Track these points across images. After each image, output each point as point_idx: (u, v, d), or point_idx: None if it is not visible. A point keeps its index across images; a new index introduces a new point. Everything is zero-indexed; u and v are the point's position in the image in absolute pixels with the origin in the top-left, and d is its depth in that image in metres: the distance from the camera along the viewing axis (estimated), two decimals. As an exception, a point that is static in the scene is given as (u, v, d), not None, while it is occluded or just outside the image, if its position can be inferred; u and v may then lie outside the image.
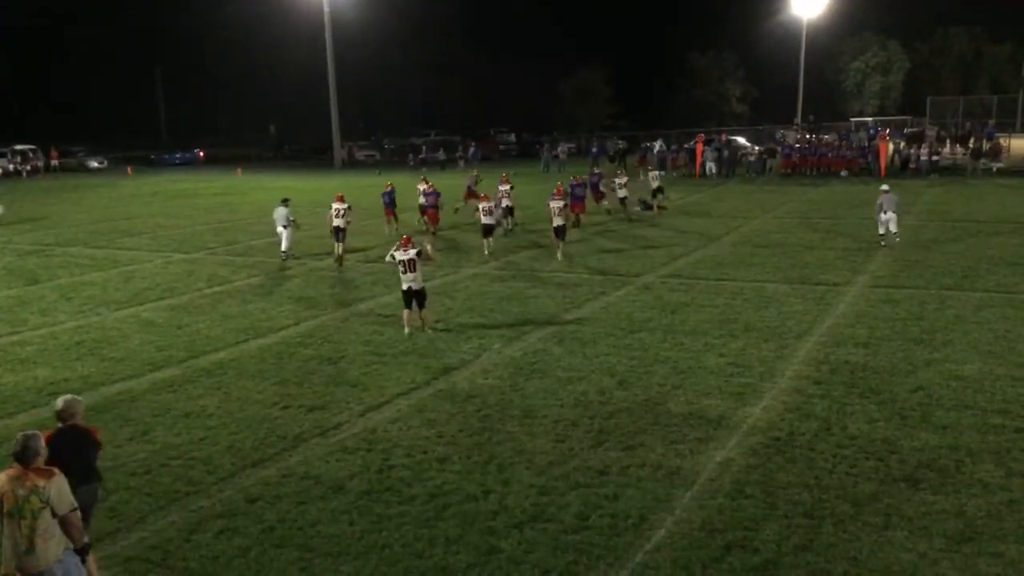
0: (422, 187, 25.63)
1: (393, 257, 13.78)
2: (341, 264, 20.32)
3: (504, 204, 24.78)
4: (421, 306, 13.72)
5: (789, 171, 44.40)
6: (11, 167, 62.26)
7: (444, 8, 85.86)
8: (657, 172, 32.50)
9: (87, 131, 78.44)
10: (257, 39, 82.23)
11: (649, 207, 29.51)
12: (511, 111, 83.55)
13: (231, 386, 11.40)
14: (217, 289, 17.93)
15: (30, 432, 5.83)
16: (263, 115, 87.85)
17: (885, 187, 21.70)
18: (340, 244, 20.52)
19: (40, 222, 30.93)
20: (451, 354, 12.58)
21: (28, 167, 63.51)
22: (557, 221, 20.69)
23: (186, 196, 40.85)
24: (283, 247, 21.35)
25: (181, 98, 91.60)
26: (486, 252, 21.17)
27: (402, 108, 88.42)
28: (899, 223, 20.96)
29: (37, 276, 19.95)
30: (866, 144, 47.55)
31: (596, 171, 34.54)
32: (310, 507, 7.89)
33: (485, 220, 21.48)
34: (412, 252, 13.58)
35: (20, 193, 46.14)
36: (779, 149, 49.77)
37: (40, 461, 5.74)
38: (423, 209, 25.39)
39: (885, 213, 20.76)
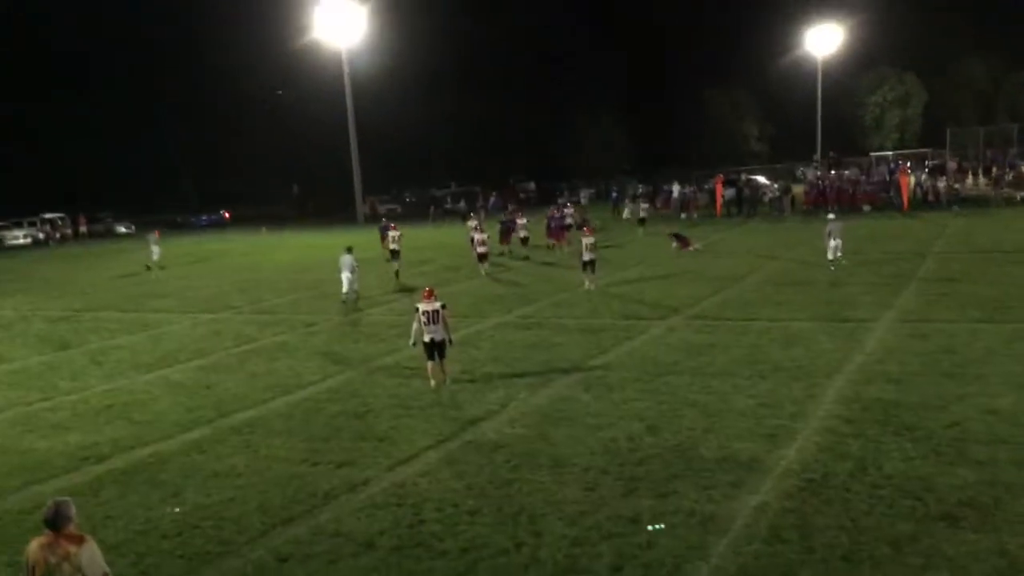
0: (476, 235, 28.41)
1: (417, 308, 13.84)
2: (398, 278, 26.33)
3: (522, 235, 32.00)
4: (442, 357, 13.73)
5: (811, 207, 44.32)
6: (41, 235, 63.47)
7: (461, 61, 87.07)
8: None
9: (114, 197, 79.78)
10: (277, 100, 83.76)
11: (683, 240, 29.85)
12: (530, 159, 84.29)
13: (259, 444, 11.42)
14: (244, 348, 18.04)
15: (61, 498, 5.85)
16: (286, 173, 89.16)
17: (831, 215, 25.70)
18: (397, 262, 27.85)
19: (69, 288, 31.37)
20: (478, 404, 12.55)
21: (58, 235, 64.74)
22: (587, 256, 22.51)
23: (212, 257, 41.35)
24: (344, 289, 23.07)
25: (207, 161, 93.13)
26: (482, 273, 26.66)
27: (423, 160, 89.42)
28: (843, 248, 23.69)
29: (68, 341, 20.18)
30: (887, 178, 47.46)
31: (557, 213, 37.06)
32: (341, 565, 7.84)
33: (480, 249, 27.18)
34: (436, 304, 13.62)
35: (50, 260, 46.95)
36: (803, 186, 49.81)
37: (72, 527, 5.75)
38: (481, 256, 27.75)
39: (833, 240, 23.50)
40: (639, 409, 11.76)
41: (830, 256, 23.41)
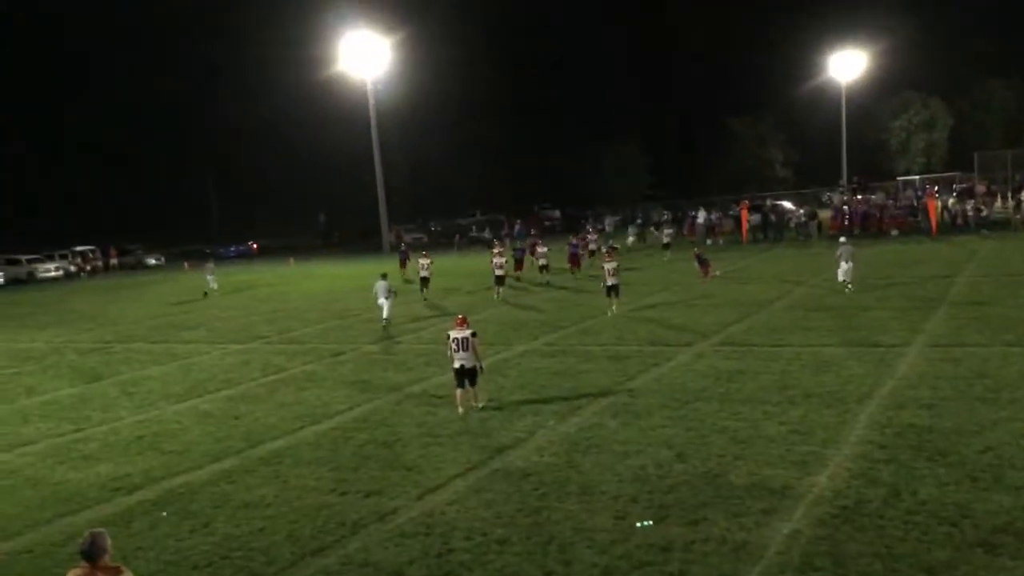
0: (496, 260, 29.56)
1: (448, 335, 13.89)
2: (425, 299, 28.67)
3: (541, 262, 32.86)
4: (473, 384, 13.75)
5: (837, 232, 44.09)
6: (72, 268, 64.38)
7: (485, 90, 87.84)
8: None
9: (144, 229, 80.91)
10: (303, 129, 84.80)
11: (704, 265, 29.67)
12: (554, 187, 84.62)
13: (288, 474, 11.45)
14: (273, 378, 18.15)
15: (97, 529, 5.90)
16: (313, 204, 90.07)
17: (843, 239, 26.23)
18: (426, 289, 29.82)
19: (100, 320, 31.75)
20: (505, 433, 12.52)
21: (89, 267, 65.62)
22: (611, 280, 23.00)
23: (240, 288, 41.72)
24: (384, 315, 23.65)
25: (234, 193, 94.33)
26: (495, 298, 28.00)
27: (448, 189, 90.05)
28: (854, 272, 24.19)
29: (99, 373, 20.39)
30: (915, 203, 47.18)
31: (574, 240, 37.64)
32: (371, 595, 7.81)
33: (498, 272, 28.62)
34: (467, 332, 13.65)
35: (81, 293, 47.56)
36: (829, 211, 49.63)
37: (108, 559, 5.79)
38: (498, 279, 29.11)
39: (844, 263, 24.06)
40: (667, 436, 11.68)
41: (840, 278, 24.11)
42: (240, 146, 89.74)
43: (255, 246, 77.80)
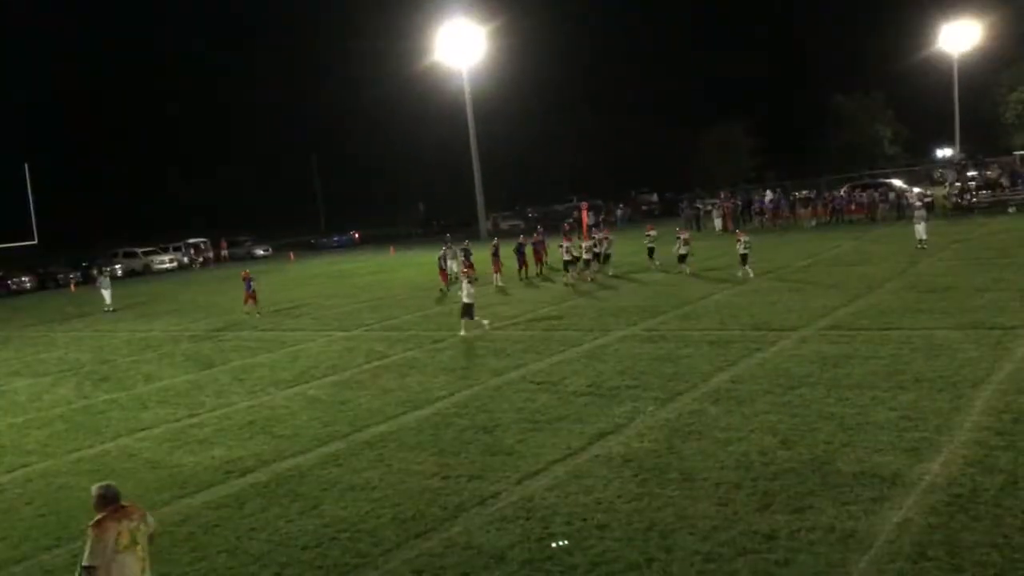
0: (565, 243, 29.21)
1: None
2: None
3: (607, 251, 31.39)
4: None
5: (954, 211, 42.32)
6: (185, 259, 67.15)
7: (581, 76, 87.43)
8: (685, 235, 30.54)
9: (254, 221, 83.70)
10: (401, 120, 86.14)
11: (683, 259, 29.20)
12: (652, 171, 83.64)
13: (392, 458, 11.69)
14: (376, 364, 18.53)
15: (103, 483, 6.56)
16: (412, 193, 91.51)
17: (919, 204, 30.35)
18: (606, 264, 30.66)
19: (212, 309, 32.99)
20: (605, 418, 12.48)
21: (200, 259, 68.31)
22: (742, 250, 26.40)
23: (344, 276, 42.70)
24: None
25: (336, 184, 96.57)
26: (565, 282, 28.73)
27: (544, 176, 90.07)
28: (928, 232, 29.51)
29: (212, 360, 21.21)
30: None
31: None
32: (473, 578, 7.92)
33: (565, 257, 28.94)
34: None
35: (195, 283, 49.51)
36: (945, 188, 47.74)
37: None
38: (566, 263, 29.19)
39: (918, 224, 29.54)
40: (771, 422, 11.44)
41: (919, 237, 29.16)
42: (344, 138, 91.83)
43: (357, 235, 79.45)
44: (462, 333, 20.56)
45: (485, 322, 21.20)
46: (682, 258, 29.02)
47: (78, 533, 9.93)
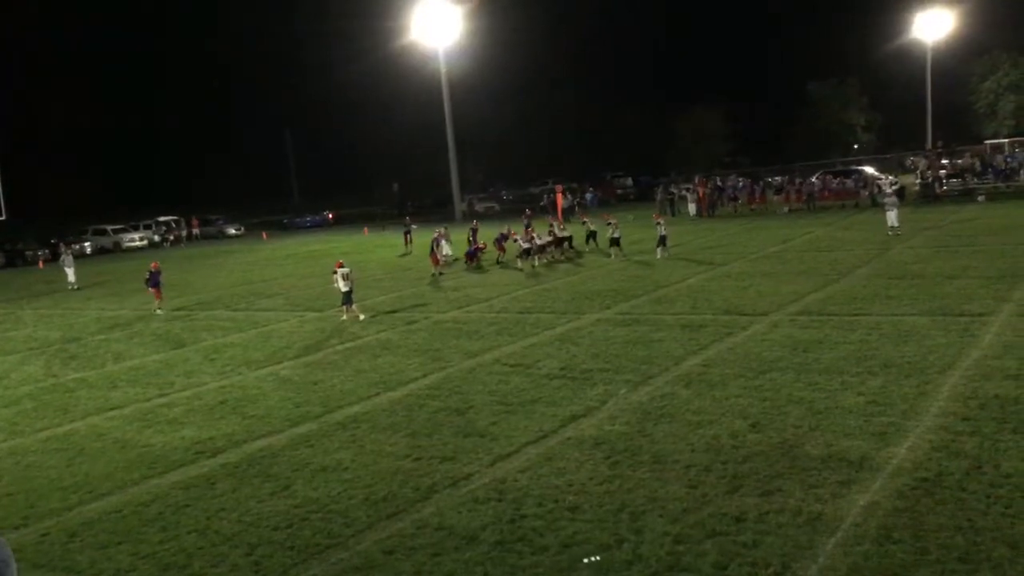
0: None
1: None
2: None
3: (615, 235, 30.20)
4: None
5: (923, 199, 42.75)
6: (156, 237, 66.38)
7: (557, 59, 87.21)
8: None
9: (225, 200, 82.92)
10: (376, 100, 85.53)
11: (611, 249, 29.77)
12: (628, 155, 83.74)
13: (365, 439, 11.68)
14: (349, 345, 18.48)
15: None
16: (386, 174, 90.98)
17: (888, 190, 29.86)
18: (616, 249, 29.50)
19: (184, 288, 32.68)
20: (578, 401, 12.54)
21: (172, 237, 67.60)
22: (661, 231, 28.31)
23: (317, 257, 42.43)
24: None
25: (311, 163, 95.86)
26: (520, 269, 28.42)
27: (519, 158, 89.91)
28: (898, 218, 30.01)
29: (182, 340, 21.04)
30: (1003, 168, 45.46)
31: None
32: (445, 558, 7.95)
33: (524, 245, 29.03)
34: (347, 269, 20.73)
35: (165, 261, 48.94)
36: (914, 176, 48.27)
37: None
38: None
39: (890, 211, 29.99)
40: (742, 406, 11.55)
41: (890, 224, 29.75)
42: (318, 117, 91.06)
43: (331, 216, 78.92)
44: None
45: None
46: (614, 241, 29.81)
47: (47, 512, 9.88)
